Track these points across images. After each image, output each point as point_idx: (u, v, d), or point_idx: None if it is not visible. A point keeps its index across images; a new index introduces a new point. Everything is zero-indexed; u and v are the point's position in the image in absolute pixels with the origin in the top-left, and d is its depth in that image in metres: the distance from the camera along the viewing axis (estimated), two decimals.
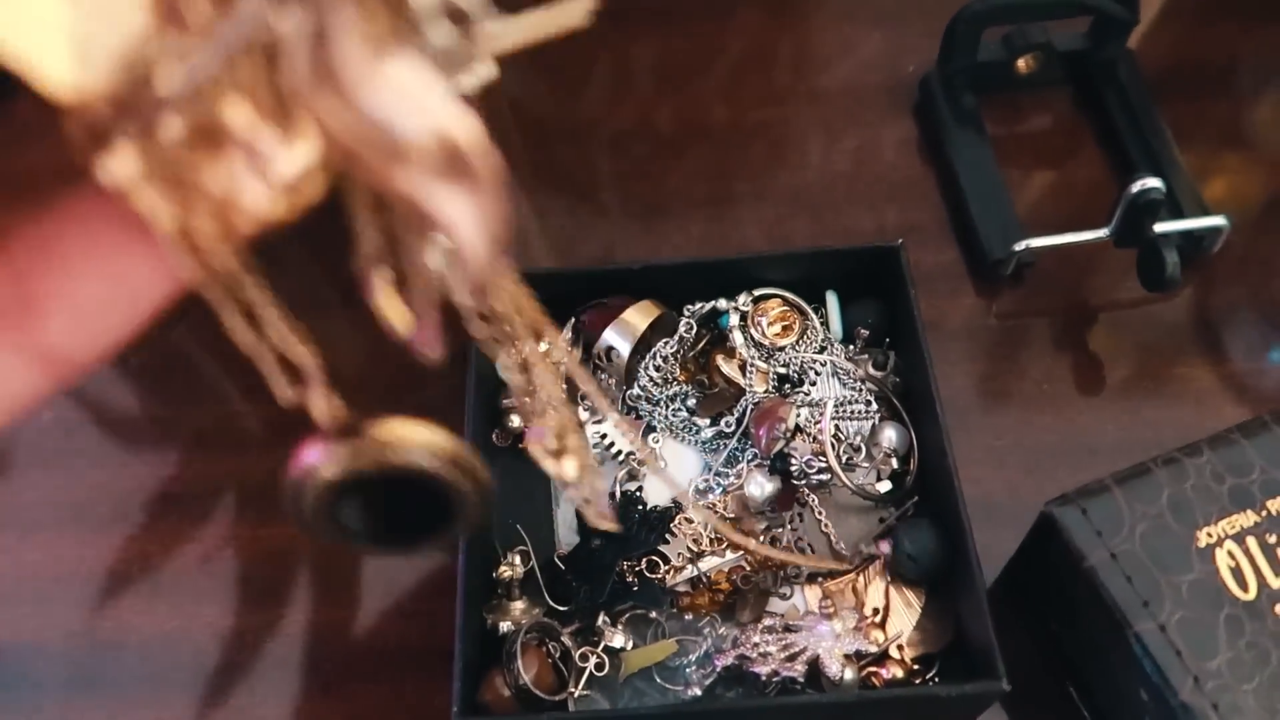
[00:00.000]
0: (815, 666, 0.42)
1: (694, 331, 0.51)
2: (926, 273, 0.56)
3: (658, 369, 0.50)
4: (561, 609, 0.46)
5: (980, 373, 0.54)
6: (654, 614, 0.46)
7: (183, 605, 0.50)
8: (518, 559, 0.46)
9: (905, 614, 0.44)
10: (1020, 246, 0.53)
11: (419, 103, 0.15)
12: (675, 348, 0.50)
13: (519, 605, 0.45)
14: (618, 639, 0.45)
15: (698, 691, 0.43)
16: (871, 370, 0.50)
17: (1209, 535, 0.39)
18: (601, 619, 0.45)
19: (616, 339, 0.49)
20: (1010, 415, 0.52)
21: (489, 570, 0.47)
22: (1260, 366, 0.53)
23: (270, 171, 0.15)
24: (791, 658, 0.42)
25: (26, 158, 0.17)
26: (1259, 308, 0.55)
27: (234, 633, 0.49)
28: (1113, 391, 0.53)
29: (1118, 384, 0.53)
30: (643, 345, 0.50)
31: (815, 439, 0.47)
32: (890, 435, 0.48)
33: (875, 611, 0.44)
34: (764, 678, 0.42)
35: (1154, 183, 0.49)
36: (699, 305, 0.51)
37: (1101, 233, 0.52)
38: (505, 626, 0.45)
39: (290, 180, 0.16)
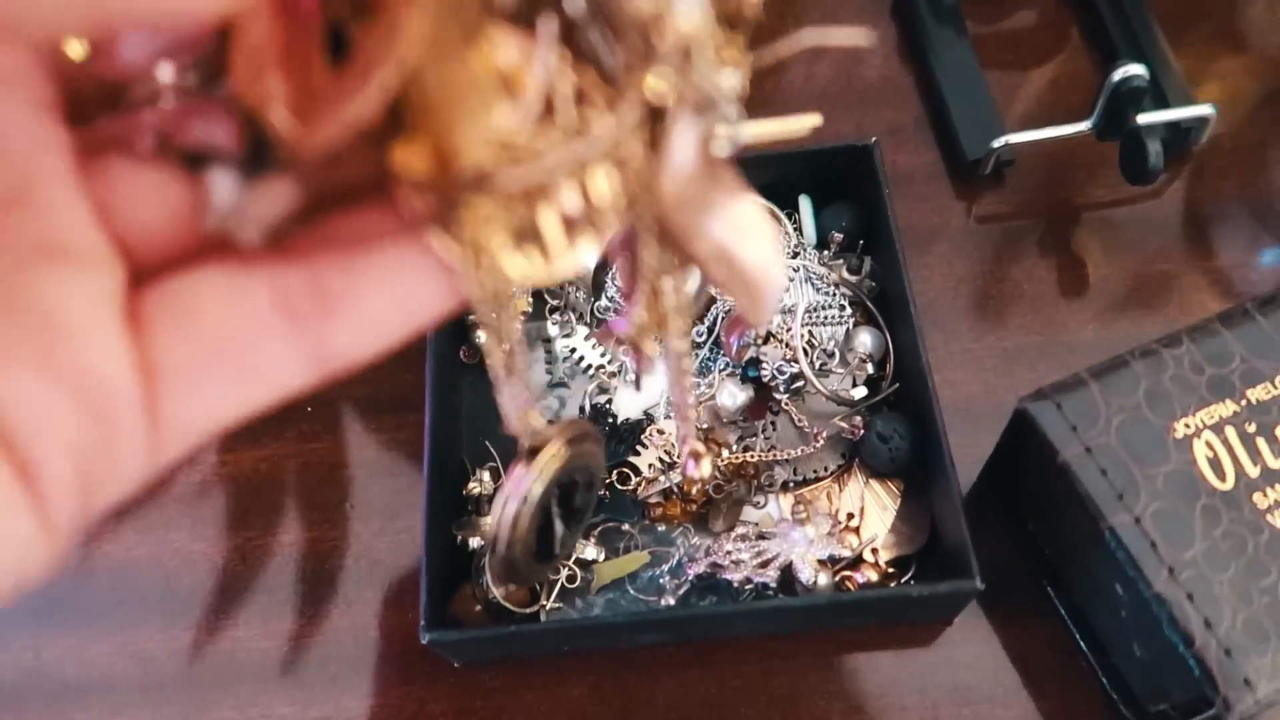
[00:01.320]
0: (788, 573, 0.42)
1: None
2: (904, 175, 0.55)
3: None
4: None
5: (959, 275, 0.52)
6: (625, 526, 0.45)
7: (151, 531, 0.49)
8: (486, 475, 0.46)
9: (880, 517, 0.43)
10: (999, 143, 0.51)
11: (755, 241, 0.20)
12: None
13: (489, 520, 0.45)
14: (589, 551, 0.44)
15: (671, 601, 0.43)
16: (846, 275, 0.49)
17: (1186, 426, 0.38)
18: None
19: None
20: (989, 317, 0.51)
21: (459, 487, 0.46)
22: (1245, 262, 0.52)
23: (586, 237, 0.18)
24: (764, 564, 0.42)
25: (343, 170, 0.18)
26: (1245, 202, 0.53)
27: (203, 557, 0.48)
28: (1094, 291, 0.51)
29: (1099, 283, 0.52)
30: None
31: (787, 345, 0.46)
32: (865, 340, 0.47)
33: (849, 516, 0.43)
34: (736, 584, 0.42)
35: (1136, 69, 0.47)
36: None
37: (1083, 126, 0.50)
38: (475, 542, 0.44)
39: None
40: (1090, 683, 0.42)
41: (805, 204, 0.51)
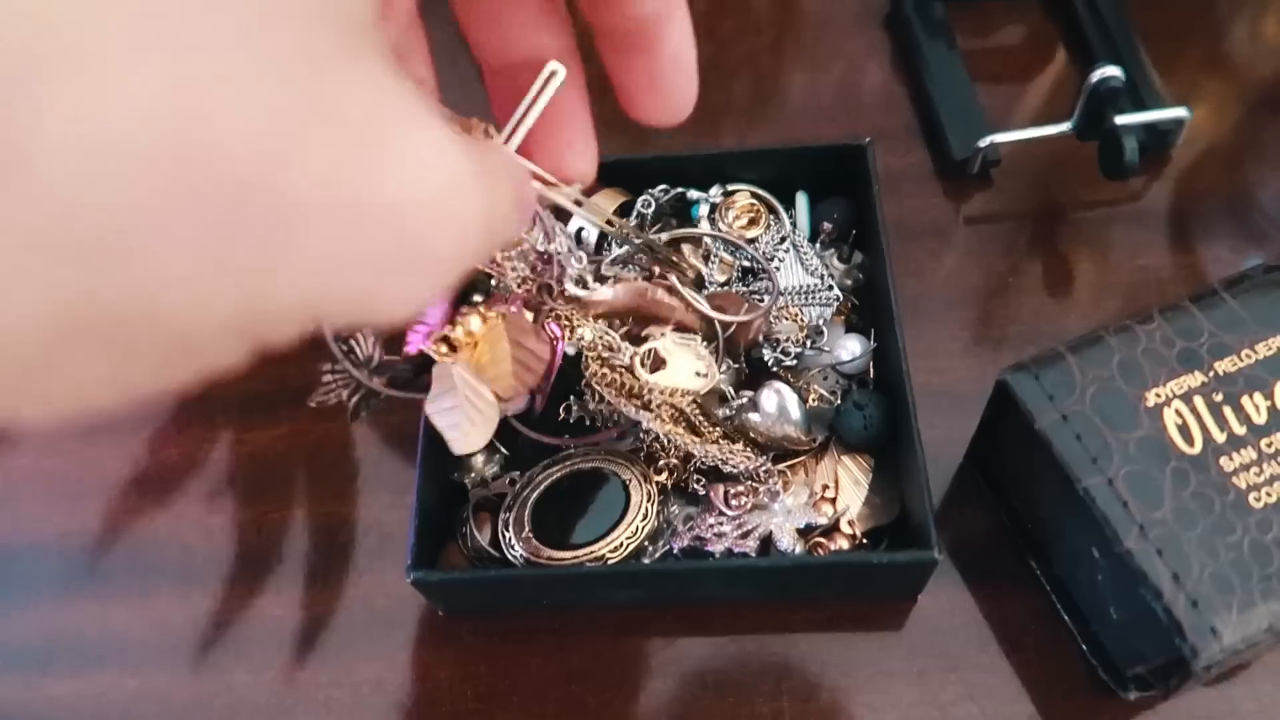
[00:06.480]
0: (767, 543, 0.44)
1: (652, 208, 0.51)
2: (895, 175, 0.57)
3: None
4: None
5: (947, 269, 0.55)
6: None
7: (170, 504, 0.51)
8: None
9: (854, 492, 0.45)
10: (985, 142, 0.54)
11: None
12: (635, 222, 0.51)
13: (479, 459, 0.48)
14: None
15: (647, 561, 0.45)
16: (836, 263, 0.51)
17: (1157, 395, 0.40)
18: None
19: (584, 221, 0.50)
20: (976, 308, 0.53)
21: None
22: (1221, 258, 0.54)
23: None
24: (745, 535, 0.43)
25: None
26: (1221, 199, 0.56)
27: (220, 530, 0.50)
28: (1078, 285, 0.54)
29: (1082, 278, 0.54)
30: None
31: (783, 319, 0.48)
32: (854, 347, 0.48)
33: (824, 487, 0.45)
34: (718, 556, 0.43)
35: (1113, 70, 0.50)
36: (662, 188, 0.52)
37: (1064, 126, 0.53)
38: (470, 480, 0.48)
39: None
40: (1071, 650, 0.44)
41: (801, 199, 0.53)
